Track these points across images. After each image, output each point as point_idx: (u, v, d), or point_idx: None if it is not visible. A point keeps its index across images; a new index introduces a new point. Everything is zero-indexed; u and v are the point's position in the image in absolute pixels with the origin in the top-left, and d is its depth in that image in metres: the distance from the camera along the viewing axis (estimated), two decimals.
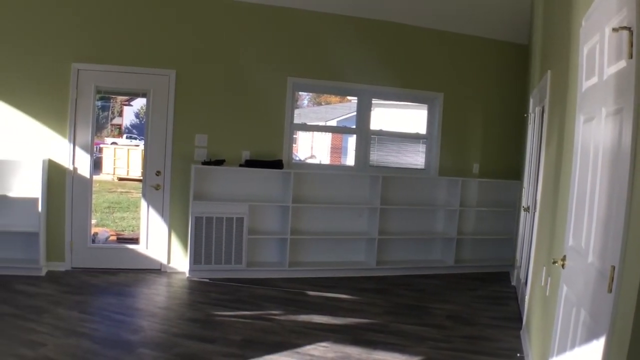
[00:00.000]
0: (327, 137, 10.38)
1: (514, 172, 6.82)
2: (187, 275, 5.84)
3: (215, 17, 6.03)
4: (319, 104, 11.12)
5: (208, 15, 5.99)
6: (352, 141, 6.94)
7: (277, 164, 6.00)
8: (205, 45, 6.02)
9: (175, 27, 5.93)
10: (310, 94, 7.89)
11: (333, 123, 10.17)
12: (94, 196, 6.26)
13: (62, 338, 4.01)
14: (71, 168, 5.74)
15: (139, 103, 16.18)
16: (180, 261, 6.02)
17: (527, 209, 5.35)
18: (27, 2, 5.58)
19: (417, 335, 4.43)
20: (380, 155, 6.79)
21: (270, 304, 5.13)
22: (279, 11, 6.15)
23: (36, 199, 5.49)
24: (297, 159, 8.59)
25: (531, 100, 5.79)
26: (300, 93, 7.22)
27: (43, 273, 5.59)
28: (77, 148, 5.74)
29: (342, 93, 7.47)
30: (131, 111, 19.45)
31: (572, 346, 2.24)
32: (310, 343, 4.16)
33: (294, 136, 6.66)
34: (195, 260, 5.77)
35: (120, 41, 5.82)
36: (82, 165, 5.78)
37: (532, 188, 5.09)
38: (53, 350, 3.77)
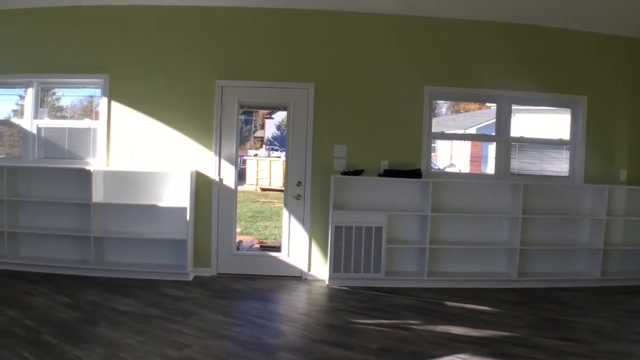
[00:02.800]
0: (467, 145, 11.12)
1: None
2: (327, 282, 6.46)
3: (351, 30, 6.65)
4: (458, 111, 11.55)
5: (344, 29, 6.64)
6: (492, 149, 7.15)
7: (415, 174, 6.42)
8: (342, 58, 6.66)
9: (312, 42, 6.65)
10: (448, 101, 8.39)
11: (472, 130, 10.55)
12: (238, 206, 7.02)
13: (206, 340, 4.55)
14: (217, 179, 6.64)
15: (280, 116, 17.76)
16: (320, 269, 6.69)
17: None
18: (175, 25, 6.66)
19: (559, 350, 4.51)
20: (521, 163, 7.00)
21: (408, 313, 5.43)
22: (415, 20, 6.65)
23: (185, 208, 6.40)
24: (436, 167, 8.87)
25: None
26: (438, 101, 7.85)
27: (190, 278, 6.51)
28: (222, 160, 6.65)
29: (481, 100, 7.73)
30: (272, 124, 21.20)
31: None
32: (447, 354, 4.36)
33: (433, 145, 6.96)
34: (334, 268, 6.37)
35: (260, 58, 6.64)
36: (227, 176, 6.68)
37: None
38: (197, 352, 4.28)
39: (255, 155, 16.64)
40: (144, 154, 6.78)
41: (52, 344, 4.31)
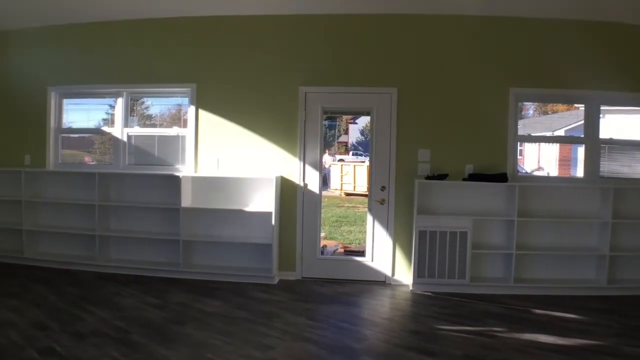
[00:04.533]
0: (555, 147, 11.17)
1: None
2: (411, 288, 6.74)
3: (433, 33, 6.97)
4: (545, 112, 11.70)
5: (426, 32, 6.97)
6: (581, 151, 7.23)
7: (501, 177, 6.57)
8: (425, 61, 6.96)
9: (394, 47, 7.00)
10: (535, 103, 8.58)
11: (560, 132, 10.57)
12: (322, 210, 7.46)
13: (290, 342, 4.84)
14: (302, 184, 7.11)
15: (364, 121, 18.52)
16: (404, 274, 7.00)
17: None
18: (258, 34, 7.20)
19: None
20: (611, 166, 7.07)
21: (493, 320, 5.55)
22: (499, 21, 6.88)
23: (270, 213, 6.86)
24: (523, 171, 9.05)
25: None
26: (524, 103, 7.68)
27: (275, 281, 6.98)
28: (306, 165, 7.10)
29: (568, 101, 7.83)
30: (356, 129, 22.09)
31: None
32: None
33: (520, 148, 7.06)
34: (419, 273, 6.64)
35: (343, 64, 7.06)
36: (312, 181, 7.12)
37: None
38: (281, 353, 4.56)
39: (340, 160, 17.39)
40: (231, 160, 7.36)
41: (140, 344, 4.75)
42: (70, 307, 5.90)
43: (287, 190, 7.25)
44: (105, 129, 8.05)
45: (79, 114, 8.31)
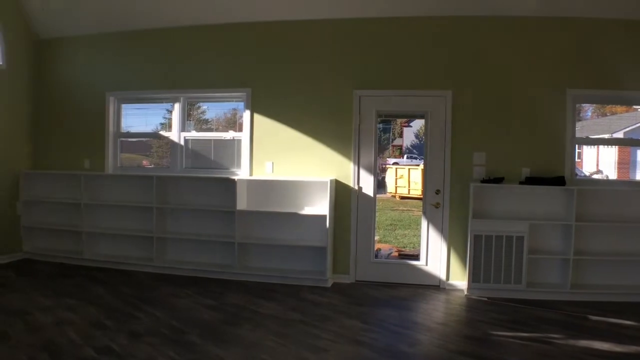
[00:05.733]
0: (613, 150, 11.32)
1: None
2: (466, 292, 6.76)
3: (487, 34, 7.02)
4: (604, 114, 11.55)
5: (480, 33, 7.02)
6: None
7: (558, 181, 6.53)
8: (480, 63, 7.01)
9: (448, 49, 7.07)
10: (593, 104, 8.54)
11: (620, 135, 10.73)
12: (377, 214, 7.55)
13: (343, 345, 4.92)
14: (356, 187, 7.23)
15: (418, 124, 18.75)
16: (458, 278, 7.05)
17: None
18: (312, 38, 7.40)
19: None
20: None
21: (549, 326, 5.52)
22: (555, 21, 6.85)
23: (324, 216, 7.01)
24: (582, 174, 8.95)
25: None
26: (583, 105, 7.66)
27: (329, 284, 7.11)
28: (361, 169, 7.23)
29: (628, 103, 7.74)
30: (411, 132, 22.32)
31: None
32: None
33: (577, 150, 7.01)
34: (474, 278, 6.66)
35: (397, 67, 7.16)
36: (366, 184, 7.23)
37: None
38: (334, 356, 4.64)
39: (395, 163, 17.58)
40: (285, 164, 7.56)
41: (195, 344, 4.91)
42: (127, 306, 6.16)
43: (341, 194, 7.39)
44: (163, 133, 8.38)
45: (137, 118, 8.64)
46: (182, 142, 8.10)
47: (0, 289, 6.77)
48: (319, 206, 7.29)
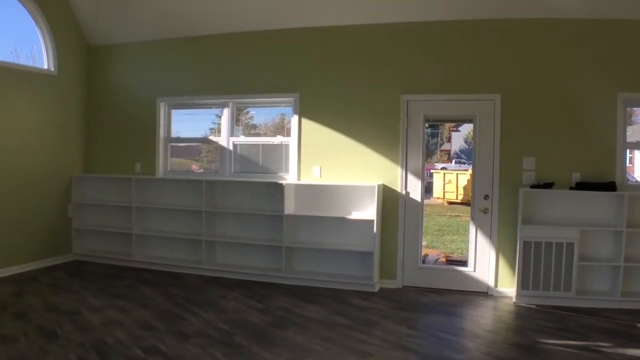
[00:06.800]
0: None
1: None
2: (514, 300, 6.72)
3: (536, 37, 6.97)
4: None
5: (528, 36, 6.98)
6: None
7: (609, 186, 6.49)
8: (528, 67, 6.96)
9: (496, 53, 7.06)
10: None
11: None
12: (424, 219, 7.56)
13: (389, 350, 4.93)
14: (403, 192, 7.29)
15: (467, 128, 18.85)
16: (507, 285, 7.01)
17: None
18: (359, 43, 7.52)
19: None
20: None
21: (598, 335, 5.47)
22: (605, 24, 6.77)
23: (371, 221, 7.07)
24: (633, 179, 8.87)
25: None
26: (634, 108, 7.56)
27: (376, 289, 7.17)
28: (408, 174, 7.29)
29: None
30: (459, 137, 22.38)
31: None
32: None
33: (629, 155, 6.94)
34: (523, 285, 6.60)
35: (444, 71, 7.19)
36: (414, 189, 7.29)
37: None
38: None
39: (442, 168, 17.65)
40: (333, 168, 7.67)
41: (242, 346, 5.02)
42: (175, 308, 6.36)
43: (388, 199, 7.46)
44: (212, 138, 8.61)
45: (187, 123, 8.92)
46: (230, 147, 8.30)
47: (51, 289, 7.07)
48: (366, 211, 7.35)
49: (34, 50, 8.21)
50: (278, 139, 8.17)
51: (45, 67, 8.31)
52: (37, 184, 8.23)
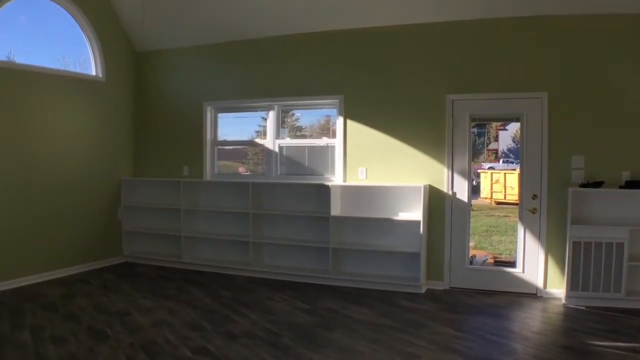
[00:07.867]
0: None
1: None
2: (563, 301, 6.68)
3: (583, 34, 6.93)
4: None
5: (575, 33, 6.95)
6: None
7: None
8: (575, 63, 6.91)
9: (543, 50, 7.02)
10: None
11: None
12: (472, 219, 7.60)
13: (436, 352, 4.96)
14: (450, 193, 7.32)
15: (514, 127, 18.65)
16: (556, 286, 6.97)
17: None
18: (403, 43, 7.59)
19: None
20: None
21: None
22: None
23: (418, 222, 7.12)
24: None
25: None
26: None
27: (423, 291, 7.21)
28: (455, 174, 7.32)
29: None
30: (507, 135, 22.17)
31: None
32: None
33: None
34: (572, 286, 6.56)
35: (489, 70, 7.20)
36: (461, 189, 7.31)
37: None
38: None
39: (490, 168, 17.55)
40: (378, 169, 7.75)
41: (289, 347, 5.10)
42: (223, 309, 6.51)
43: (435, 199, 7.49)
44: (258, 140, 8.80)
45: (233, 127, 9.14)
46: (276, 149, 8.45)
47: (101, 290, 7.31)
48: (413, 212, 7.41)
49: (82, 57, 8.51)
50: (323, 141, 8.30)
51: (94, 73, 8.59)
52: (88, 188, 8.52)
